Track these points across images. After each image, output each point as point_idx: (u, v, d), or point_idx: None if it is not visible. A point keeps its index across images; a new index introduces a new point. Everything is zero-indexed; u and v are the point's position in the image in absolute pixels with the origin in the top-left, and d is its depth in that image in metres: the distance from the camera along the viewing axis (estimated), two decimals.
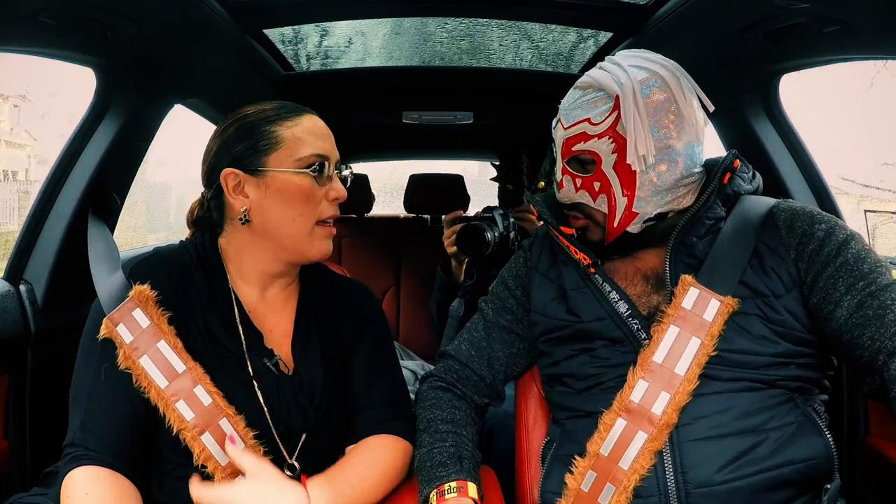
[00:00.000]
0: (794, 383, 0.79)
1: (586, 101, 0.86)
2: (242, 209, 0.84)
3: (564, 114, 0.89)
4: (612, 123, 0.84)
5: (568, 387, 0.91)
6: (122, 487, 0.76)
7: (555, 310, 0.93)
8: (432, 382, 1.01)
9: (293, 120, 0.86)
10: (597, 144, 0.85)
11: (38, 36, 0.95)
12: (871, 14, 0.92)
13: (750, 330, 0.79)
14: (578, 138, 0.86)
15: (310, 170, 0.84)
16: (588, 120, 0.85)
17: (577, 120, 0.86)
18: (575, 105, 0.87)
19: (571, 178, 0.89)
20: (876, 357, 0.72)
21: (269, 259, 0.88)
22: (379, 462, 0.86)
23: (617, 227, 0.87)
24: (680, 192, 0.86)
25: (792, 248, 0.82)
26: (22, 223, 1.19)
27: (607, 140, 0.84)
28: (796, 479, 0.76)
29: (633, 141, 0.82)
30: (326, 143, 0.87)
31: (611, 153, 0.85)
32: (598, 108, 0.85)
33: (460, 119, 2.06)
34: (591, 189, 0.88)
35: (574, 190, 0.89)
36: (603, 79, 0.85)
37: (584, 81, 0.88)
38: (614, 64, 0.86)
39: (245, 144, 0.84)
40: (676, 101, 0.84)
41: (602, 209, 0.88)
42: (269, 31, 1.43)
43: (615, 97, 0.83)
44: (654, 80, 0.84)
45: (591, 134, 0.85)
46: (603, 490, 0.79)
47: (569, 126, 0.88)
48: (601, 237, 0.90)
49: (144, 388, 0.79)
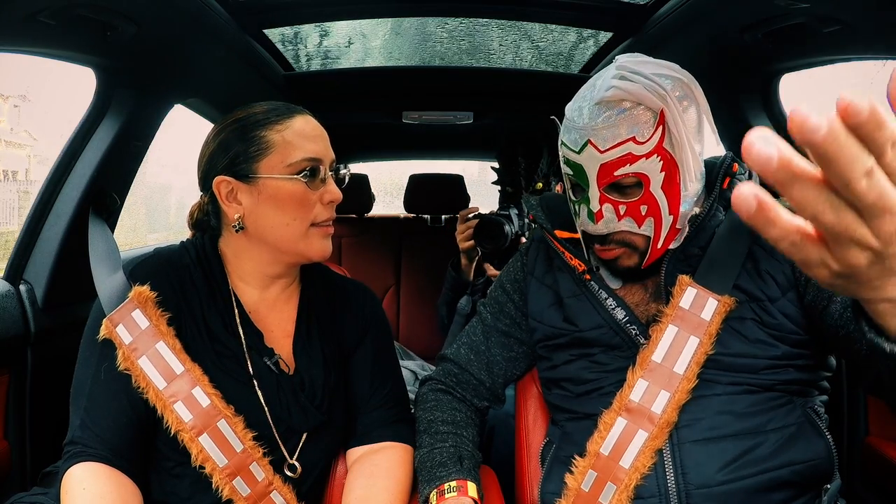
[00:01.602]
0: (794, 386, 0.79)
1: (626, 117, 0.77)
2: (236, 216, 0.83)
3: (596, 134, 0.78)
4: (658, 140, 0.77)
5: (566, 390, 0.91)
6: (120, 483, 0.76)
7: (552, 317, 0.93)
8: (432, 385, 1.01)
9: (283, 123, 0.84)
10: (645, 165, 0.77)
11: (38, 36, 0.95)
12: (871, 14, 0.92)
13: (746, 334, 0.79)
14: (623, 161, 0.78)
15: (300, 175, 0.82)
16: (633, 139, 0.77)
17: (619, 140, 0.77)
18: (611, 123, 0.77)
19: (613, 206, 0.81)
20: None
21: (267, 261, 0.88)
22: (401, 483, 0.87)
23: (661, 248, 0.83)
24: (700, 197, 0.85)
25: None
26: (22, 223, 1.19)
27: (656, 159, 0.77)
28: (796, 480, 0.76)
29: (688, 156, 0.78)
30: (318, 144, 0.85)
31: (658, 172, 0.78)
32: (643, 125, 0.77)
33: (460, 119, 2.06)
34: (637, 214, 0.80)
35: (617, 218, 0.81)
36: (638, 91, 0.76)
37: (615, 95, 0.77)
38: (636, 73, 0.78)
39: (236, 151, 0.83)
40: (699, 106, 0.81)
41: (647, 233, 0.82)
42: (269, 31, 1.43)
43: (658, 111, 0.77)
44: (681, 88, 0.79)
45: (638, 154, 0.77)
46: (604, 489, 0.79)
47: (608, 149, 0.77)
48: (637, 262, 0.84)
49: (143, 389, 0.79)
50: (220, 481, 0.79)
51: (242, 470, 0.80)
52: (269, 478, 0.82)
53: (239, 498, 0.80)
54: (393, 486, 0.85)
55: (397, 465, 0.88)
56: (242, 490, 0.80)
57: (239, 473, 0.79)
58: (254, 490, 0.80)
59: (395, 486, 0.85)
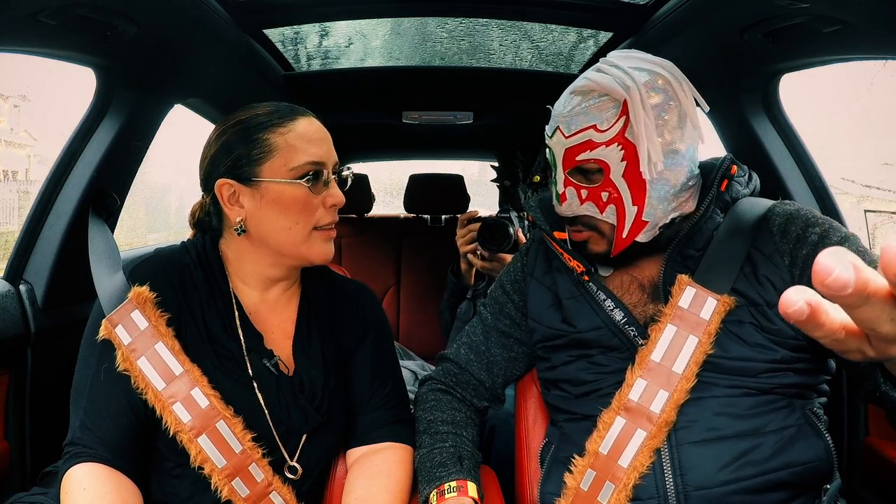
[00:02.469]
0: (793, 389, 0.79)
1: (590, 106, 0.81)
2: (238, 219, 0.83)
3: (564, 121, 0.83)
4: (620, 129, 0.79)
5: (565, 391, 0.91)
6: (120, 483, 0.76)
7: (550, 318, 0.93)
8: (432, 385, 1.01)
9: (286, 126, 0.83)
10: (605, 153, 0.80)
11: (38, 36, 0.95)
12: (871, 14, 0.92)
13: (745, 338, 0.79)
14: (583, 147, 0.81)
15: (303, 180, 0.82)
16: (594, 127, 0.80)
17: (581, 127, 0.81)
18: (577, 111, 0.82)
19: (576, 190, 0.84)
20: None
21: (268, 264, 0.87)
22: (401, 483, 0.87)
23: (626, 237, 0.84)
24: (684, 196, 0.84)
25: (786, 254, 0.80)
26: (22, 223, 1.19)
27: (616, 147, 0.80)
28: (795, 482, 0.76)
29: (646, 148, 0.79)
30: (322, 147, 0.85)
31: (619, 160, 0.80)
32: (605, 114, 0.80)
33: (460, 119, 2.06)
34: (598, 200, 0.83)
35: (579, 202, 0.85)
36: (606, 82, 0.80)
37: (585, 85, 0.82)
38: (613, 66, 0.82)
39: (238, 153, 0.83)
40: (680, 103, 0.81)
41: (610, 220, 0.84)
42: (269, 31, 1.43)
43: (622, 102, 0.79)
44: (657, 81, 0.80)
45: (598, 141, 0.80)
46: (602, 489, 0.79)
47: (571, 134, 0.82)
48: (606, 249, 0.86)
49: (142, 390, 0.79)
50: (219, 482, 0.79)
51: (241, 471, 0.80)
52: (269, 479, 0.82)
53: (238, 499, 0.80)
54: (393, 487, 0.85)
55: (397, 465, 0.88)
56: (241, 491, 0.80)
57: (238, 474, 0.79)
58: (253, 491, 0.80)
59: (394, 487, 0.85)
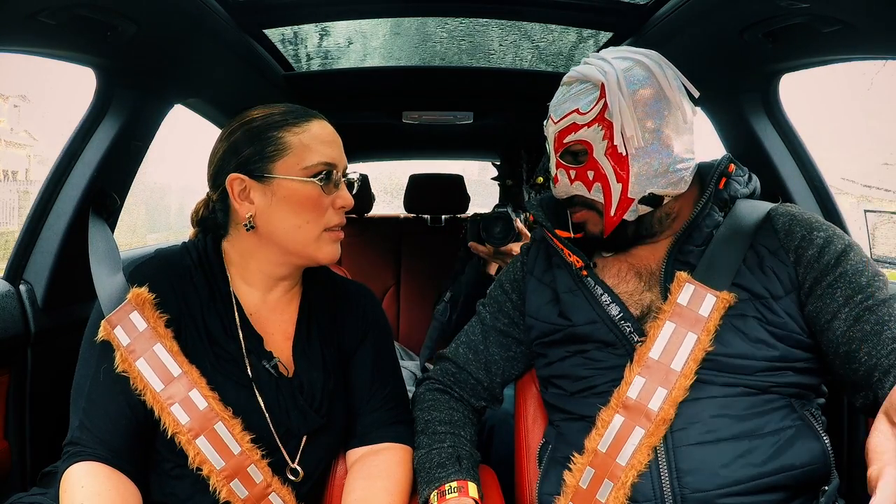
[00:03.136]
0: (791, 389, 0.79)
1: (573, 94, 0.88)
2: (248, 215, 0.83)
3: (554, 110, 0.91)
4: (599, 111, 0.85)
5: (561, 388, 0.91)
6: (118, 482, 0.76)
7: (548, 313, 0.94)
8: (429, 385, 1.01)
9: (301, 126, 0.85)
10: (587, 133, 0.86)
11: (38, 36, 0.95)
12: (871, 14, 0.92)
13: (747, 333, 0.79)
14: (569, 130, 0.88)
15: (317, 179, 0.83)
16: (576, 111, 0.87)
17: (566, 112, 0.88)
18: (563, 100, 0.89)
19: (566, 171, 0.90)
20: (871, 373, 0.72)
21: (274, 262, 0.87)
22: (400, 484, 0.87)
23: (614, 215, 0.87)
24: (673, 177, 0.86)
25: (791, 252, 0.82)
26: (22, 223, 1.19)
27: (597, 127, 0.85)
28: (792, 484, 0.76)
29: (620, 123, 0.84)
30: (334, 149, 0.86)
31: (601, 140, 0.86)
32: (586, 99, 0.86)
33: (460, 119, 2.06)
34: (586, 178, 0.88)
35: (569, 182, 0.90)
36: (587, 70, 0.87)
37: (570, 76, 0.90)
38: (598, 58, 0.88)
39: (252, 150, 0.83)
40: (661, 86, 0.85)
41: (598, 199, 0.88)
42: (269, 31, 1.43)
43: (601, 86, 0.85)
44: (636, 67, 0.85)
45: (581, 123, 0.87)
46: (601, 487, 0.79)
47: (559, 119, 0.89)
48: (602, 229, 0.90)
49: (141, 391, 0.79)
50: (218, 483, 0.78)
51: (240, 472, 0.80)
52: (268, 480, 0.81)
53: (237, 500, 0.79)
54: (392, 487, 0.85)
55: (397, 465, 0.88)
56: (240, 492, 0.80)
57: (237, 475, 0.79)
58: (252, 492, 0.80)
59: (394, 487, 0.85)
